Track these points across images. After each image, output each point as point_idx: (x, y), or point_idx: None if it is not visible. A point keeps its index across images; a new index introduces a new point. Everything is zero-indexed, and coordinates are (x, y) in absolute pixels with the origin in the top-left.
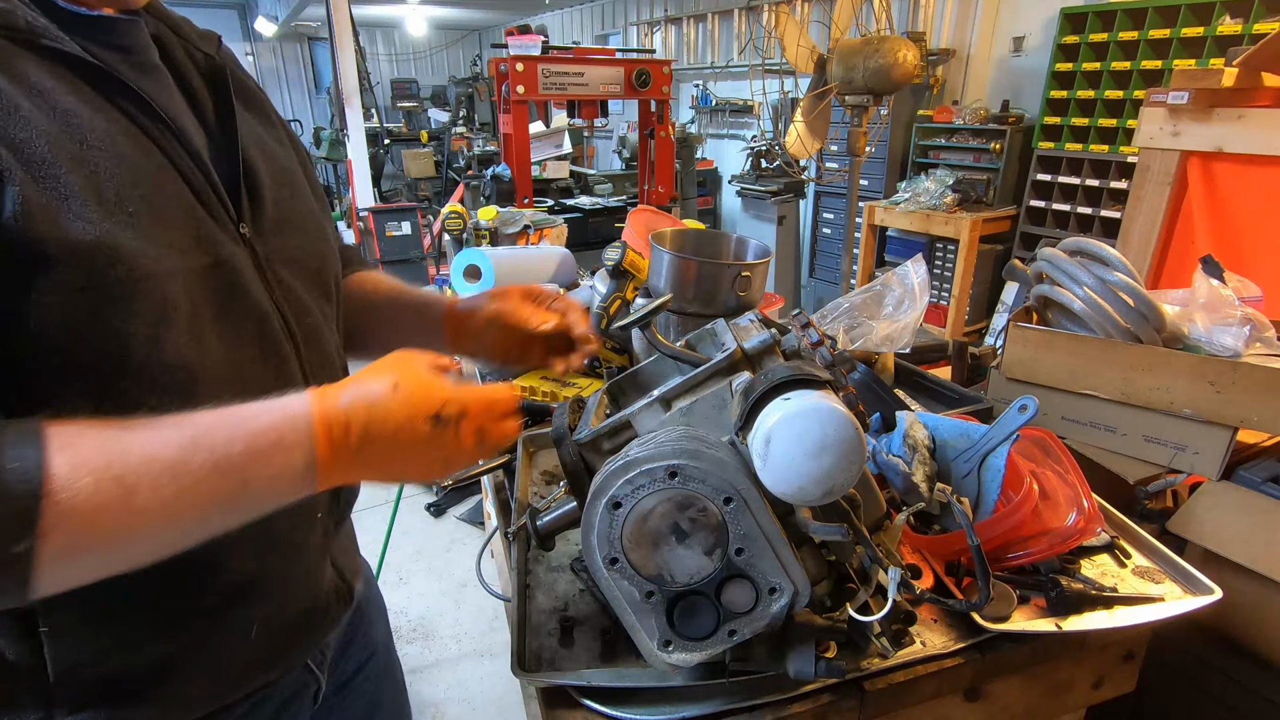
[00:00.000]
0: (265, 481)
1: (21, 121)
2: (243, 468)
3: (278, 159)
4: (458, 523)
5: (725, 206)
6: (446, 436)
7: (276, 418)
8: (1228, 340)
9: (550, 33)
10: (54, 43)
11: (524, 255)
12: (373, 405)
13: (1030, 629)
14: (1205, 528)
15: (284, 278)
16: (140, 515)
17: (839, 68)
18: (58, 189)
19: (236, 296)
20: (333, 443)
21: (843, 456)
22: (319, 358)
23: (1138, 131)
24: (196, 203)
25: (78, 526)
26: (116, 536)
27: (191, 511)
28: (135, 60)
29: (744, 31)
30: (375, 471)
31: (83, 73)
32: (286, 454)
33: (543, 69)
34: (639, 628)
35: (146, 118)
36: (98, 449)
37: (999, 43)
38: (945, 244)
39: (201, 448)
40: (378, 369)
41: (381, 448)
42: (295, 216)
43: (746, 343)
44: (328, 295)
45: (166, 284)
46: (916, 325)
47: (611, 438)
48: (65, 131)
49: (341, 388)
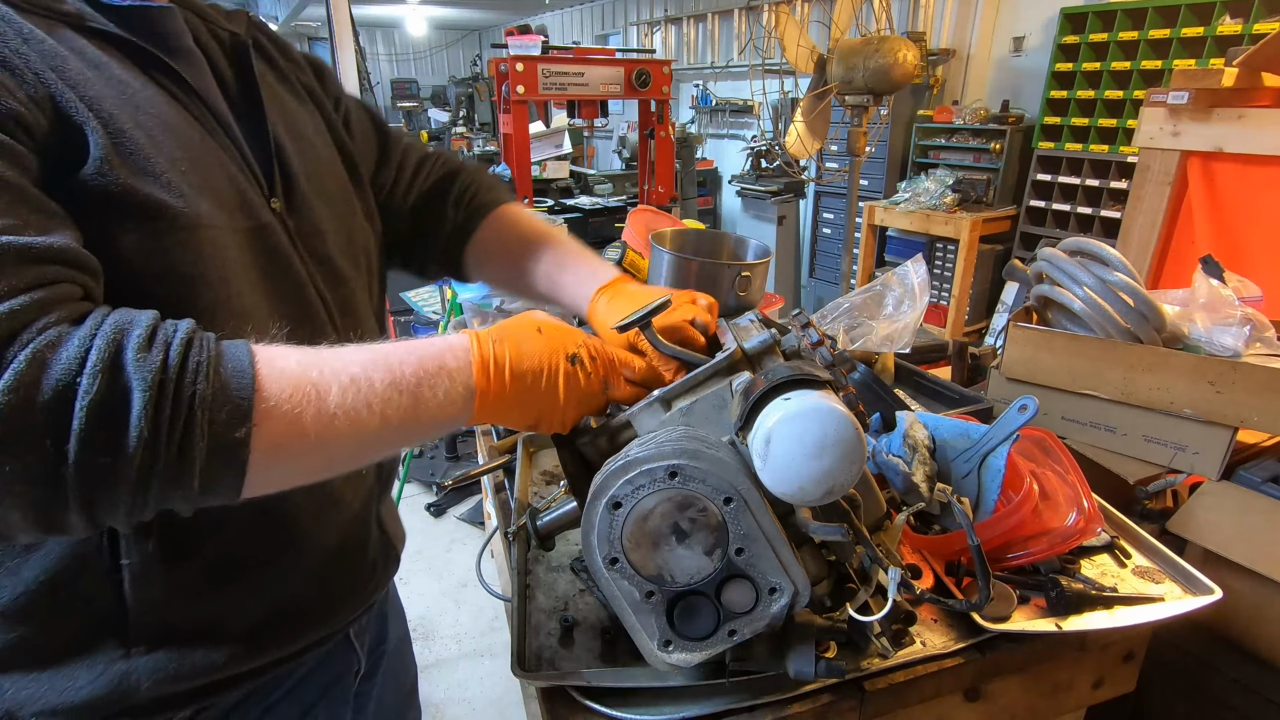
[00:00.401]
0: (433, 403)
1: (89, 83)
2: (414, 387)
3: (306, 134)
4: (458, 523)
5: (725, 206)
6: (580, 375)
7: (441, 347)
8: (1228, 340)
9: (550, 33)
10: (101, 25)
11: None
12: (520, 342)
13: (1030, 629)
14: (1205, 528)
15: (317, 248)
16: (331, 419)
17: (839, 68)
18: (125, 144)
19: (277, 261)
20: (487, 371)
21: (843, 456)
22: (352, 324)
23: (1138, 131)
24: (240, 173)
25: (282, 420)
26: (313, 434)
27: (372, 421)
28: (170, 45)
29: (744, 31)
30: (522, 403)
31: (128, 51)
32: (450, 378)
33: (543, 69)
34: (639, 628)
35: (185, 95)
36: (296, 361)
37: (999, 43)
38: (945, 244)
39: (379, 366)
40: (523, 319)
41: (528, 379)
42: (325, 191)
43: (747, 343)
44: (358, 265)
45: (221, 237)
46: (916, 325)
47: (612, 438)
48: (122, 98)
49: (493, 329)
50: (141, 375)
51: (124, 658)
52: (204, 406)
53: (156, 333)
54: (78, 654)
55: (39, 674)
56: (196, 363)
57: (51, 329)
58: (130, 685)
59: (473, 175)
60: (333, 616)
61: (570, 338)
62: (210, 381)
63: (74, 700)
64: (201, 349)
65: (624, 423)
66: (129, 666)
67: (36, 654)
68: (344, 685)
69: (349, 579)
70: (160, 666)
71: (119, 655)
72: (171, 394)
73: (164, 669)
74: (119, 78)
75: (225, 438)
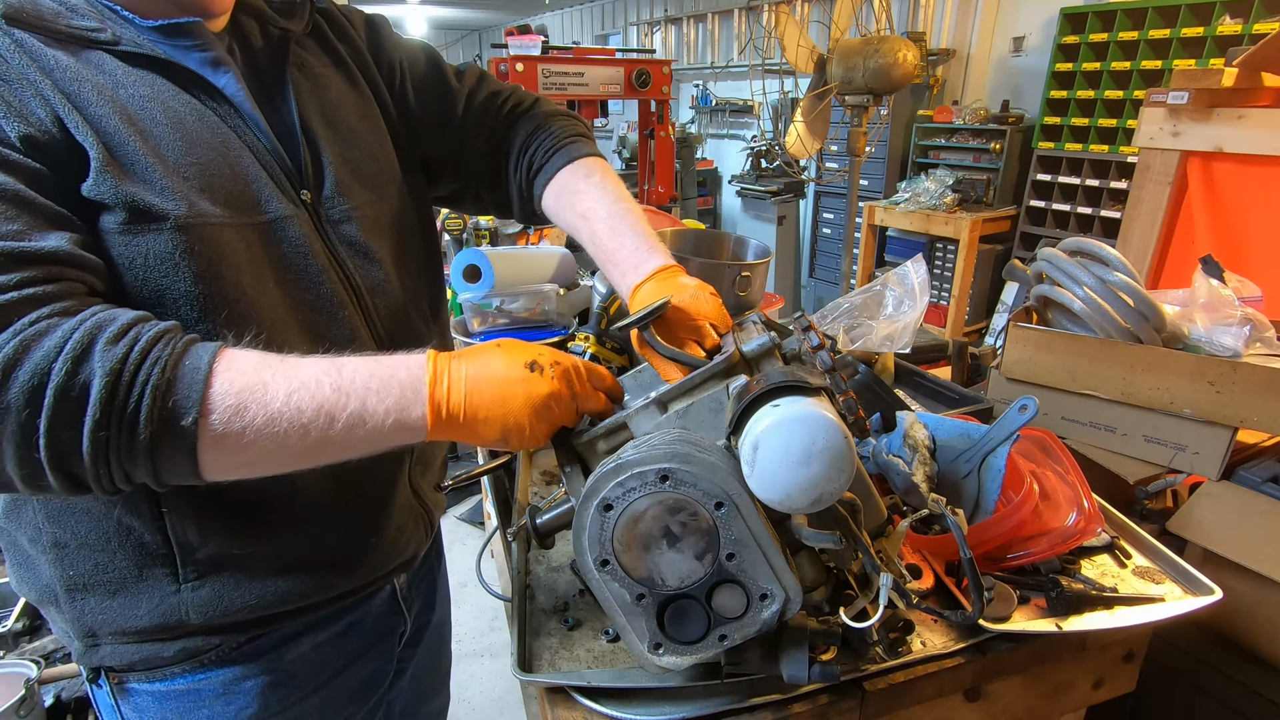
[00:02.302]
0: (379, 410)
1: (100, 102)
2: (362, 393)
3: (349, 121)
4: (458, 523)
5: (725, 206)
6: (540, 380)
7: (398, 361)
8: (1228, 340)
9: (550, 33)
10: (135, 48)
11: (524, 255)
12: (478, 356)
13: (1030, 629)
14: (1205, 528)
15: (347, 234)
16: (276, 415)
17: (839, 68)
18: (125, 155)
19: (293, 249)
20: (442, 381)
21: (830, 465)
22: (386, 305)
23: (1138, 131)
24: (261, 170)
25: (226, 412)
26: (257, 427)
27: (317, 421)
28: (205, 55)
29: (744, 31)
30: (486, 414)
31: (159, 68)
32: (401, 387)
33: (543, 69)
34: (630, 630)
35: (214, 100)
36: (254, 364)
37: (999, 43)
38: (945, 244)
39: (332, 372)
40: (483, 345)
41: (489, 387)
42: (365, 175)
43: (745, 346)
44: (403, 243)
45: (220, 233)
46: (916, 325)
47: (608, 439)
48: (139, 111)
49: (455, 352)
50: (103, 365)
51: (175, 593)
52: (155, 394)
53: (130, 329)
54: (139, 585)
55: (110, 601)
56: (157, 357)
57: (43, 321)
58: (182, 616)
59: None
60: (357, 570)
61: (530, 349)
62: (165, 373)
63: (138, 625)
64: (167, 344)
65: (620, 424)
66: (179, 600)
67: (109, 582)
68: (389, 644)
69: (375, 534)
70: (206, 602)
71: (172, 590)
72: (126, 382)
73: (209, 605)
74: (142, 93)
75: (173, 424)
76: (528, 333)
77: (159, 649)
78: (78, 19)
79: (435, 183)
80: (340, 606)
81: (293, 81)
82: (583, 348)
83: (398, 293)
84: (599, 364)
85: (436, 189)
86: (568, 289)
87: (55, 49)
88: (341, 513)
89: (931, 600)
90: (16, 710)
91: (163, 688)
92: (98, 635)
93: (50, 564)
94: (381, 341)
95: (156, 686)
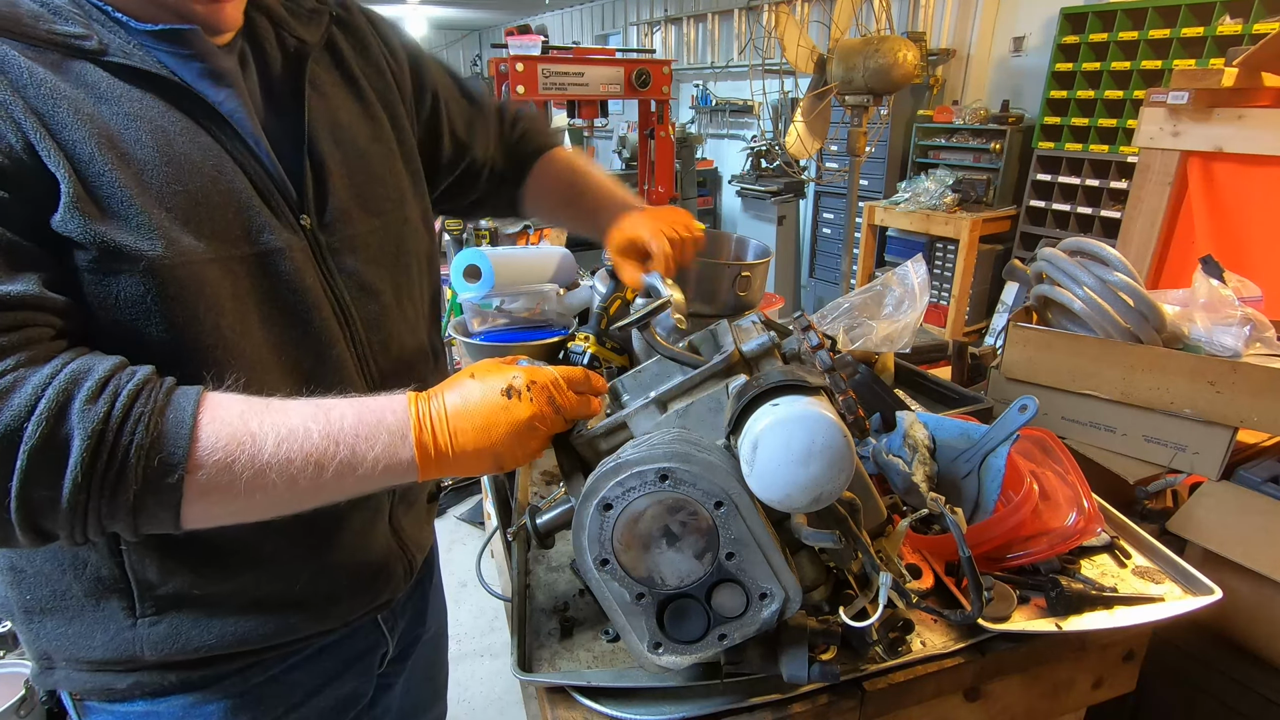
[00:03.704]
0: (369, 456)
1: (77, 124)
2: (351, 440)
3: (359, 144)
4: (458, 523)
5: (725, 206)
6: (521, 404)
7: (382, 404)
8: (1228, 340)
9: (550, 33)
10: (124, 59)
11: (524, 255)
12: (455, 390)
13: (1030, 629)
14: (1205, 528)
15: (347, 264)
16: (265, 467)
17: (839, 68)
18: (99, 186)
19: (283, 283)
20: (424, 424)
21: (830, 465)
22: (380, 341)
23: (1138, 131)
24: (255, 195)
25: (214, 468)
26: (244, 480)
27: (307, 470)
28: (204, 66)
29: (744, 31)
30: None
31: (148, 83)
32: (389, 432)
33: (543, 69)
34: (629, 629)
35: (209, 120)
36: (239, 412)
37: (999, 43)
38: (945, 244)
39: (319, 419)
40: (457, 375)
41: (471, 421)
42: (371, 200)
43: (745, 345)
44: (407, 273)
45: (204, 270)
46: (916, 325)
47: (608, 438)
48: (121, 133)
49: (431, 390)
50: (83, 426)
51: (131, 627)
52: (139, 454)
53: (109, 383)
54: (95, 615)
55: (67, 628)
56: (140, 413)
57: (9, 374)
58: (136, 651)
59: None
60: (330, 614)
61: (503, 374)
62: (149, 430)
63: (93, 656)
64: (148, 399)
65: (620, 423)
66: (134, 635)
67: (66, 609)
68: (368, 663)
69: (349, 579)
70: (162, 639)
71: (128, 625)
72: (110, 443)
73: (165, 642)
74: (127, 111)
75: (158, 482)
76: (528, 333)
77: (113, 680)
78: (61, 24)
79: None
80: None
81: (307, 98)
82: (583, 348)
83: (396, 327)
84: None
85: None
86: (568, 289)
87: (32, 59)
88: (311, 555)
89: (931, 600)
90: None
91: (123, 708)
92: (53, 659)
93: (7, 586)
94: (372, 380)
95: (117, 707)
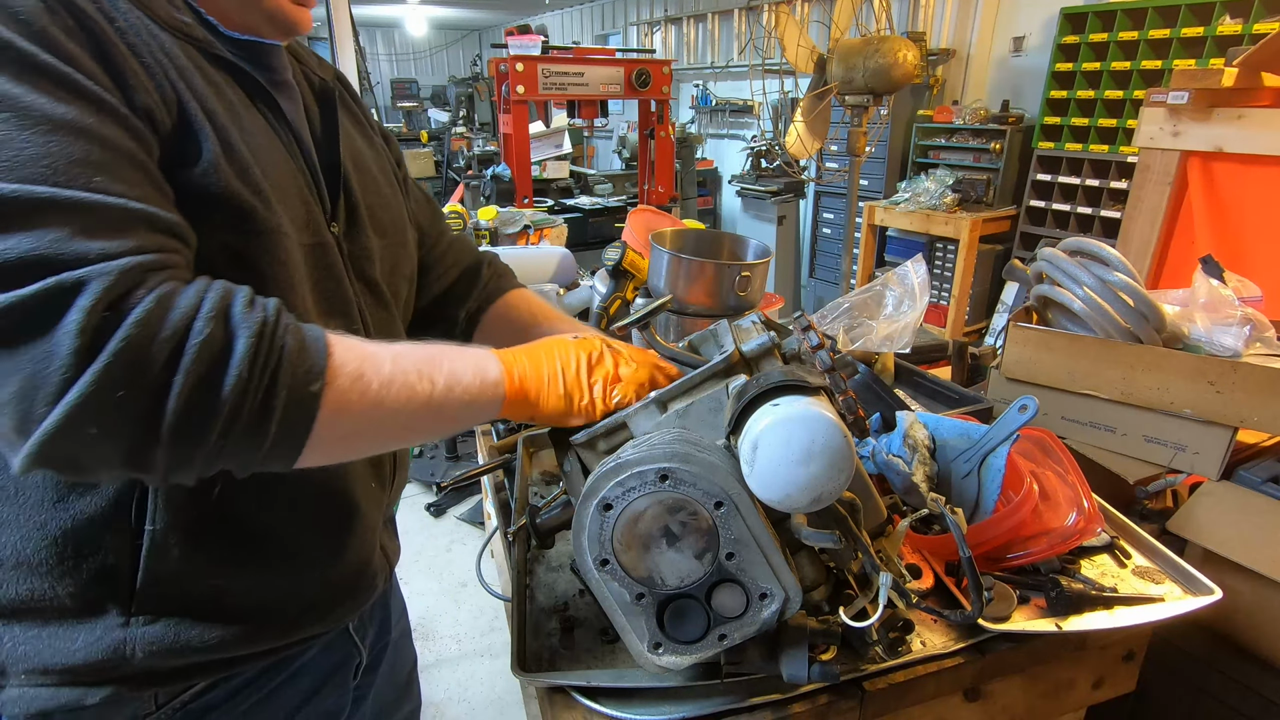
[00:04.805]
0: (470, 373)
1: (209, 96)
2: (450, 357)
3: (370, 171)
4: (458, 523)
5: (725, 206)
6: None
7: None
8: (1228, 340)
9: (550, 33)
10: (222, 53)
11: (524, 255)
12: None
13: (1030, 629)
14: (1205, 528)
15: (365, 271)
16: (389, 382)
17: (839, 68)
18: (232, 153)
19: (333, 277)
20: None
21: (830, 465)
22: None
23: (1138, 131)
24: (311, 195)
25: (349, 378)
26: (373, 396)
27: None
28: (275, 78)
29: (744, 31)
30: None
31: (239, 78)
32: (476, 356)
33: (543, 69)
34: (629, 629)
35: (278, 121)
36: (358, 339)
37: (999, 43)
38: (945, 244)
39: (416, 349)
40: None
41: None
42: (381, 223)
43: (745, 345)
44: (398, 295)
45: (292, 247)
46: (916, 325)
47: (608, 438)
48: (232, 114)
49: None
50: (247, 325)
51: (123, 625)
52: (289, 359)
53: (255, 299)
54: (80, 615)
55: (40, 630)
56: (286, 324)
57: (168, 282)
58: (125, 654)
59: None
60: (329, 617)
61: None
62: (295, 340)
63: (67, 662)
64: (288, 315)
65: (620, 424)
66: (126, 635)
67: (42, 609)
68: (343, 676)
69: (350, 586)
70: (157, 638)
71: (119, 623)
72: (267, 345)
73: (160, 641)
74: (229, 99)
75: (302, 390)
76: None
77: (83, 694)
78: (177, 12)
79: None
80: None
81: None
82: None
83: (398, 334)
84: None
85: None
86: (568, 289)
87: (164, 35)
88: (328, 556)
89: (931, 600)
90: None
91: None
92: (6, 674)
93: None
94: None
95: None
